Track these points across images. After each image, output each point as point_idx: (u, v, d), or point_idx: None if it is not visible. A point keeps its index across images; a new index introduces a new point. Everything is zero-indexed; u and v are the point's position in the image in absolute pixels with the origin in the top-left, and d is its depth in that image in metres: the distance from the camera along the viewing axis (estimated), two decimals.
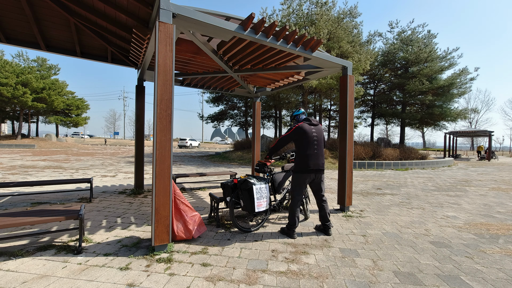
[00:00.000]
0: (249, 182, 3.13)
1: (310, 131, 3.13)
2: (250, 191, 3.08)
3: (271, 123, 26.71)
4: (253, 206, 3.07)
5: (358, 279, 2.20)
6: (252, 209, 3.09)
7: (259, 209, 3.12)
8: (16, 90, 23.01)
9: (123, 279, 2.10)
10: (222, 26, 3.11)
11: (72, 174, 8.24)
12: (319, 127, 3.23)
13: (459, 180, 8.80)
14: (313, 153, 3.10)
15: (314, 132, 3.14)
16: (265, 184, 3.25)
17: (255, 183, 3.15)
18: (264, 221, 3.45)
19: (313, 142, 3.11)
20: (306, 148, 3.10)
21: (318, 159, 3.12)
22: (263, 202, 3.16)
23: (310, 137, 3.11)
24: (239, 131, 71.20)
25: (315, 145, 3.11)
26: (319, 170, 3.13)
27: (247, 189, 3.11)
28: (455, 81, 20.52)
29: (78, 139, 40.54)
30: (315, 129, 3.17)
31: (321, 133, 3.22)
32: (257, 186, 3.13)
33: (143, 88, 5.77)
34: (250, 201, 3.08)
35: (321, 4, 14.87)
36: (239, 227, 3.21)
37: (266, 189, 3.23)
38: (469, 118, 43.35)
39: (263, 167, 3.55)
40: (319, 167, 3.13)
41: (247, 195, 3.11)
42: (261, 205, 3.14)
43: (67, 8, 4.03)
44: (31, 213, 2.66)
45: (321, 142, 3.18)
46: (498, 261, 2.60)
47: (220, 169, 11.09)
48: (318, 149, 3.13)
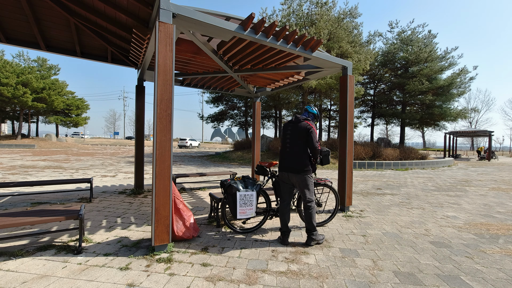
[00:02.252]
0: (233, 187, 3.02)
1: (285, 129, 3.07)
2: (234, 197, 3.01)
3: (271, 123, 26.73)
4: (235, 212, 3.01)
5: (358, 279, 2.20)
6: (234, 214, 3.03)
7: (241, 216, 3.03)
8: (17, 90, 23.02)
9: (123, 279, 2.10)
10: (222, 26, 3.11)
11: (72, 174, 8.24)
12: (297, 125, 2.95)
13: (459, 180, 8.80)
14: (283, 152, 3.02)
15: (288, 131, 3.01)
16: (252, 191, 3.10)
17: (240, 189, 3.04)
18: (261, 224, 3.37)
19: (285, 141, 3.03)
20: (281, 146, 3.08)
21: (286, 158, 2.97)
22: (247, 210, 3.05)
23: (283, 136, 3.07)
24: (239, 131, 71.24)
25: (287, 143, 2.99)
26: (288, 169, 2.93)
27: (231, 193, 3.04)
28: (455, 80, 20.54)
29: (78, 139, 40.54)
30: (291, 127, 2.99)
31: (297, 130, 2.91)
32: (241, 193, 3.01)
33: (143, 88, 5.78)
34: (234, 206, 3.02)
35: (321, 4, 14.87)
36: (230, 225, 3.16)
37: (252, 197, 3.08)
38: (469, 118, 43.35)
39: (263, 170, 3.48)
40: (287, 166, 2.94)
41: (231, 200, 3.05)
42: (244, 213, 3.04)
43: (67, 8, 4.03)
44: (31, 213, 2.66)
45: (294, 140, 2.92)
46: (498, 261, 2.60)
47: (220, 169, 11.09)
48: (290, 147, 2.95)
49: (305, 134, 2.86)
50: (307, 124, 2.89)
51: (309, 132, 2.84)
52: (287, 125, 3.08)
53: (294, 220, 3.80)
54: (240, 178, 3.30)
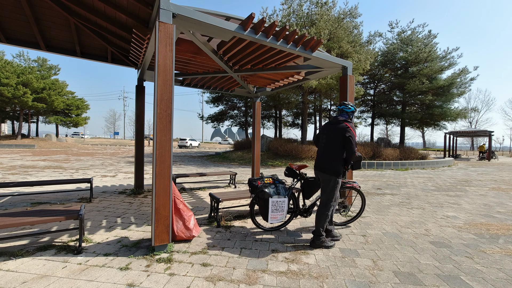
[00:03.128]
0: (266, 193, 3.07)
1: (322, 130, 3.10)
2: (266, 202, 3.07)
3: (271, 123, 26.70)
4: (267, 217, 3.07)
5: (358, 279, 2.20)
6: (266, 218, 3.10)
7: (272, 221, 3.09)
8: (17, 90, 23.01)
9: (123, 279, 2.10)
10: (222, 26, 3.11)
11: (72, 174, 8.24)
12: (335, 126, 2.93)
13: (459, 180, 8.80)
14: (319, 152, 3.06)
15: (325, 131, 3.03)
16: (285, 197, 3.14)
17: (273, 195, 3.08)
18: (287, 223, 3.46)
19: (321, 141, 3.07)
20: (319, 146, 3.13)
21: (319, 158, 3.02)
22: (278, 215, 3.10)
23: (321, 136, 3.10)
24: (239, 131, 71.17)
25: (322, 144, 3.02)
26: (318, 168, 2.97)
27: (263, 199, 3.10)
28: (455, 81, 20.53)
29: (78, 139, 40.54)
30: (327, 128, 3.01)
31: (334, 132, 2.89)
32: (273, 199, 3.06)
33: (143, 88, 5.77)
34: (265, 211, 3.08)
35: (321, 4, 14.86)
36: (258, 225, 3.29)
37: (284, 203, 3.13)
38: (469, 118, 43.35)
39: (293, 173, 3.49)
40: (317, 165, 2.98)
41: (263, 204, 3.11)
42: (275, 218, 3.10)
43: (67, 8, 4.03)
44: (31, 213, 2.66)
45: (330, 141, 2.91)
46: (498, 261, 2.60)
47: (220, 169, 11.09)
48: (324, 147, 2.98)
49: (343, 137, 2.80)
50: (345, 127, 2.82)
51: (348, 136, 2.77)
52: (326, 126, 3.08)
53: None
54: (270, 180, 3.32)
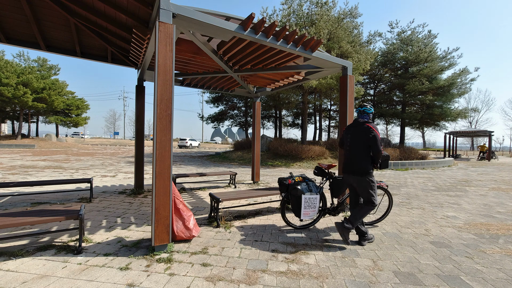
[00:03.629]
0: (298, 190, 3.17)
1: (346, 133, 3.15)
2: (298, 199, 3.16)
3: (271, 123, 26.72)
4: (300, 213, 3.15)
5: (358, 279, 2.20)
6: (298, 215, 3.18)
7: (305, 217, 3.18)
8: (17, 90, 23.02)
9: (123, 279, 2.10)
10: (222, 26, 3.11)
11: (72, 174, 8.24)
12: (358, 128, 2.97)
13: (459, 180, 8.80)
14: (345, 155, 3.12)
15: (349, 134, 3.07)
16: (316, 195, 3.23)
17: (305, 192, 3.17)
18: (316, 222, 3.55)
19: (346, 145, 3.12)
20: (344, 149, 3.19)
21: (347, 161, 3.06)
22: (310, 211, 3.20)
23: (344, 140, 3.17)
24: (239, 131, 71.21)
25: (348, 147, 3.08)
26: (349, 172, 3.01)
27: (296, 196, 3.19)
28: (455, 81, 20.55)
29: (78, 139, 40.54)
30: (352, 131, 3.05)
31: (359, 134, 2.94)
32: (306, 196, 3.15)
33: (143, 88, 5.77)
34: (298, 207, 3.17)
35: (321, 4, 14.86)
36: (288, 223, 3.39)
37: (315, 200, 3.22)
38: (469, 118, 43.36)
39: (322, 172, 3.56)
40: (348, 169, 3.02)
41: (295, 201, 3.19)
42: (307, 214, 3.19)
43: (67, 8, 4.03)
44: (31, 213, 2.66)
45: (356, 144, 2.95)
46: (498, 261, 2.60)
47: (220, 169, 11.09)
48: (350, 150, 3.03)
49: (367, 138, 2.86)
50: (369, 128, 2.87)
51: (372, 136, 2.83)
52: (349, 128, 3.14)
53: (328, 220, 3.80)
54: (301, 179, 3.39)
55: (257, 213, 4.20)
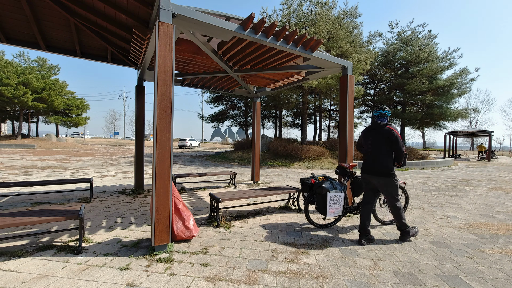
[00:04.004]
0: (324, 188, 3.23)
1: (366, 135, 3.23)
2: (324, 197, 3.21)
3: (271, 123, 26.71)
4: (325, 211, 3.21)
5: (358, 279, 2.20)
6: (324, 213, 3.24)
7: (331, 215, 3.25)
8: (17, 90, 23.01)
9: (123, 279, 2.10)
10: (222, 26, 3.11)
11: (72, 174, 8.24)
12: (379, 131, 3.07)
13: (459, 180, 8.80)
14: (367, 157, 3.20)
15: (370, 136, 3.17)
16: (341, 192, 3.30)
17: (330, 190, 3.23)
18: (337, 221, 3.60)
19: (367, 146, 3.19)
20: (364, 151, 3.27)
21: (369, 162, 3.14)
22: (335, 209, 3.25)
23: (365, 142, 3.26)
24: (239, 131, 71.18)
25: (369, 148, 3.15)
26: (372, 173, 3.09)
27: (321, 194, 3.25)
28: (455, 81, 20.55)
29: (78, 139, 40.53)
30: (373, 133, 3.15)
31: (381, 136, 3.04)
32: (331, 194, 3.21)
33: (143, 88, 5.78)
34: (323, 205, 3.23)
35: (321, 4, 14.86)
36: (312, 222, 3.44)
37: (341, 198, 3.28)
38: (469, 118, 43.34)
39: (344, 171, 3.62)
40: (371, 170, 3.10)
41: (321, 200, 3.26)
42: (333, 212, 3.25)
43: (67, 8, 4.03)
44: (31, 213, 2.66)
45: (378, 145, 3.05)
46: (498, 261, 2.60)
47: (220, 169, 11.09)
48: (372, 152, 3.11)
49: (390, 139, 2.98)
50: (390, 130, 3.00)
51: (395, 138, 2.95)
52: (368, 131, 3.23)
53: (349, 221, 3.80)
54: (324, 178, 3.47)
55: (257, 213, 4.20)
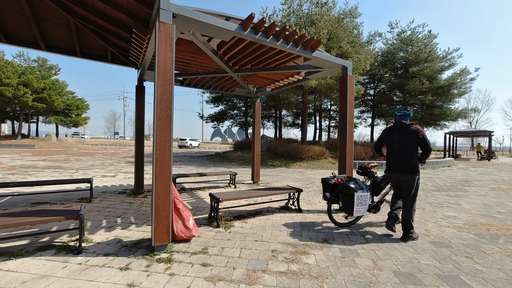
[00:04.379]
0: (351, 188, 3.30)
1: (391, 134, 3.32)
2: (351, 197, 3.28)
3: (271, 123, 26.69)
4: (352, 210, 3.28)
5: (358, 279, 2.20)
6: (351, 213, 3.31)
7: (357, 214, 3.31)
8: (17, 90, 23.01)
9: (123, 279, 2.10)
10: (222, 26, 3.11)
11: (72, 174, 8.24)
12: (405, 130, 3.18)
13: (459, 180, 8.80)
14: (392, 155, 3.28)
15: (396, 136, 3.25)
16: (367, 192, 3.39)
17: (357, 190, 3.30)
18: (358, 219, 3.71)
19: (393, 145, 3.27)
20: (388, 149, 3.39)
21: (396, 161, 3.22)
22: (362, 208, 3.33)
23: (389, 141, 3.34)
24: (239, 131, 71.14)
25: (396, 147, 3.24)
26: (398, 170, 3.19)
27: (348, 194, 3.31)
28: (455, 81, 20.51)
29: (78, 139, 40.53)
30: (399, 132, 3.24)
31: (407, 135, 3.15)
32: (358, 194, 3.29)
33: (143, 88, 5.78)
34: (350, 205, 3.30)
35: (321, 4, 14.85)
36: (334, 221, 3.53)
37: (367, 198, 3.37)
38: (469, 118, 43.33)
39: (366, 171, 3.77)
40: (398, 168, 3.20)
41: (347, 199, 3.32)
42: (359, 211, 3.32)
43: (67, 8, 4.03)
44: (31, 213, 2.66)
45: (404, 144, 3.15)
46: (498, 261, 2.60)
47: (220, 169, 11.09)
48: (399, 150, 3.20)
49: (417, 138, 3.10)
50: (417, 129, 3.12)
51: (422, 136, 3.08)
52: (393, 130, 3.33)
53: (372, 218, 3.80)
54: (347, 178, 3.53)
55: (257, 213, 4.20)
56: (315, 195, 5.77)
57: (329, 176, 3.89)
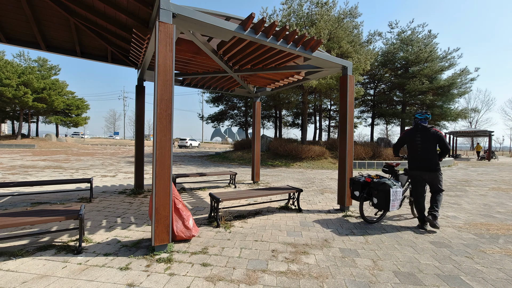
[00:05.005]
0: (387, 184, 3.46)
1: (413, 136, 3.62)
2: (387, 193, 3.43)
3: (271, 123, 26.70)
4: (388, 206, 3.43)
5: (358, 279, 2.20)
6: (386, 208, 3.46)
7: (392, 209, 3.49)
8: (18, 90, 23.02)
9: (123, 279, 2.10)
10: (222, 26, 3.11)
11: (72, 174, 8.24)
12: (426, 133, 3.51)
13: (459, 180, 8.80)
14: (416, 155, 3.59)
15: (418, 137, 3.57)
16: (401, 188, 3.57)
17: (392, 186, 3.46)
18: (383, 216, 3.84)
19: (416, 146, 3.57)
20: (410, 150, 3.69)
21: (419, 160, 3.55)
22: (396, 203, 3.50)
23: (412, 142, 3.63)
24: (239, 131, 71.13)
25: (418, 148, 3.55)
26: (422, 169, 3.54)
27: (384, 190, 3.45)
28: (456, 81, 20.50)
29: (78, 139, 40.54)
30: (420, 134, 3.56)
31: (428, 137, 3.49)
32: (393, 189, 3.45)
33: (143, 88, 5.78)
34: (386, 201, 3.45)
35: (321, 4, 14.85)
36: (365, 218, 3.71)
37: (400, 192, 3.54)
38: (469, 118, 43.32)
39: (392, 170, 3.99)
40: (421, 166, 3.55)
41: (383, 196, 3.47)
42: (394, 206, 3.49)
43: (67, 8, 4.03)
44: (31, 213, 2.66)
45: (426, 145, 3.48)
46: (498, 261, 2.60)
47: (220, 169, 11.09)
48: (422, 151, 3.52)
49: (438, 139, 3.45)
50: (437, 132, 3.48)
51: (442, 138, 3.45)
52: (415, 132, 3.64)
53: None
54: (377, 177, 3.74)
55: (257, 213, 4.20)
56: (315, 195, 5.77)
57: (357, 175, 4.05)
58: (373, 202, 3.63)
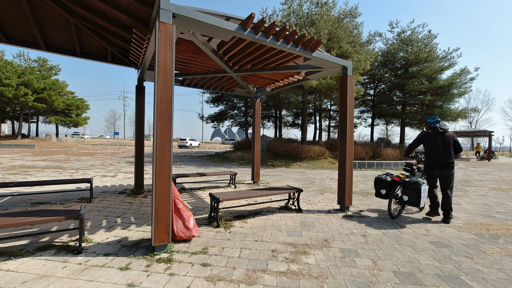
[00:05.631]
0: (418, 183, 3.71)
1: (435, 137, 4.05)
2: (418, 191, 3.69)
3: (271, 123, 26.70)
4: (419, 202, 3.68)
5: (358, 279, 2.20)
6: (417, 204, 3.71)
7: (422, 205, 3.81)
8: (18, 90, 23.01)
9: (123, 279, 2.10)
10: (222, 26, 3.11)
11: (72, 174, 8.24)
12: (444, 135, 4.00)
13: (459, 180, 8.80)
14: (436, 154, 4.00)
15: (439, 139, 4.01)
16: (427, 186, 3.85)
17: (422, 184, 3.70)
18: (401, 212, 4.11)
19: (437, 146, 4.00)
20: (430, 149, 4.08)
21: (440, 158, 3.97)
22: (423, 199, 3.77)
23: (434, 143, 4.05)
24: (239, 131, 71.13)
25: (440, 148, 3.98)
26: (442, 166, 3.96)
27: (416, 188, 3.71)
28: (455, 81, 20.50)
29: (78, 139, 40.53)
30: (441, 136, 4.01)
31: (447, 138, 3.97)
32: (423, 187, 3.71)
33: (143, 88, 5.78)
34: (417, 198, 3.70)
35: (321, 4, 14.84)
36: (391, 214, 3.97)
37: (426, 190, 3.83)
38: (469, 118, 43.31)
39: (412, 168, 4.31)
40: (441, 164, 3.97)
41: (414, 193, 3.72)
42: (423, 202, 3.79)
43: (67, 8, 4.03)
44: (31, 213, 2.66)
45: (446, 145, 3.95)
46: (498, 261, 2.60)
47: (220, 169, 11.09)
48: (443, 151, 3.96)
49: (454, 141, 3.99)
50: (452, 134, 4.00)
51: (456, 139, 4.00)
52: (435, 134, 4.07)
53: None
54: (404, 176, 4.01)
55: (257, 213, 4.20)
56: (315, 195, 5.77)
57: (382, 174, 4.25)
58: (402, 199, 3.86)
